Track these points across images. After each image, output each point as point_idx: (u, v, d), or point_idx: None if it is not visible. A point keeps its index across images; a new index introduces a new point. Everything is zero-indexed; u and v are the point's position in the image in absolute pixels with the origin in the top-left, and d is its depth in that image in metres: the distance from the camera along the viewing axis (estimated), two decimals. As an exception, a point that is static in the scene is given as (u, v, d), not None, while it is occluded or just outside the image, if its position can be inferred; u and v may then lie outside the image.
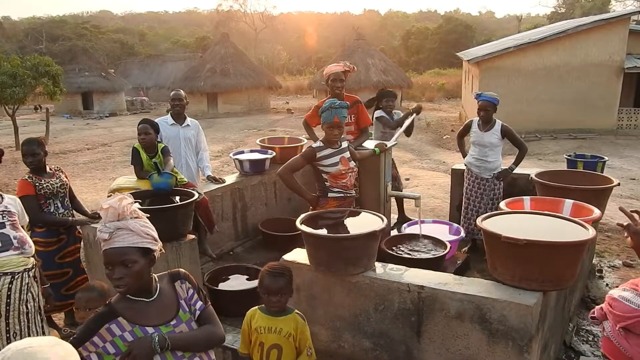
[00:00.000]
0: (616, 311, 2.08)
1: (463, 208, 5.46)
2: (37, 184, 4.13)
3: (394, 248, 4.51)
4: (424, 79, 37.25)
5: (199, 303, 2.10)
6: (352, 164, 3.99)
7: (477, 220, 3.10)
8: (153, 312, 1.99)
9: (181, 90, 5.58)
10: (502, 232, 2.82)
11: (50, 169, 4.33)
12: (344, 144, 4.01)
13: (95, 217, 4.32)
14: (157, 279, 2.08)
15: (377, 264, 3.27)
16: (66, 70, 27.93)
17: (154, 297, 2.02)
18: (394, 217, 6.32)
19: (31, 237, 4.33)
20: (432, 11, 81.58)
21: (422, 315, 3.01)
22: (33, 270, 3.39)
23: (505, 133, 5.18)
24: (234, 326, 4.11)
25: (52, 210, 4.22)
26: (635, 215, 2.24)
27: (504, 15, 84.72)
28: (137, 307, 1.98)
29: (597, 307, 2.25)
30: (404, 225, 5.33)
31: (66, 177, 4.46)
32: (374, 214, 3.42)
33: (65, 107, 27.70)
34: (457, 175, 5.87)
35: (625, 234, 2.25)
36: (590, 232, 2.85)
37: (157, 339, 1.90)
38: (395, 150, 6.60)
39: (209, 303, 2.15)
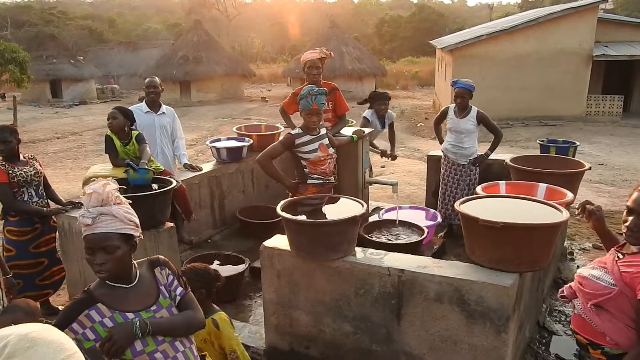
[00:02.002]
0: (587, 289, 2.15)
1: (440, 193, 5.53)
2: (10, 172, 4.04)
3: (372, 234, 4.56)
4: (397, 67, 37.40)
5: (179, 289, 2.10)
6: (331, 150, 4.00)
7: (455, 205, 3.16)
8: (133, 298, 1.99)
9: (156, 77, 5.49)
10: (480, 216, 2.88)
11: (24, 157, 4.24)
12: (323, 131, 4.02)
13: (69, 206, 4.25)
14: (136, 266, 2.07)
15: (358, 249, 3.30)
16: (33, 57, 27.18)
17: (134, 283, 2.01)
18: (373, 203, 6.38)
19: (4, 226, 4.27)
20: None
21: (402, 298, 3.06)
22: None
23: (481, 119, 5.26)
24: (214, 313, 4.12)
25: (26, 198, 4.13)
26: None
27: (476, 4, 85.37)
28: (117, 293, 1.97)
29: (566, 285, 2.32)
30: (382, 211, 5.38)
31: (40, 166, 4.36)
32: (354, 200, 3.45)
33: (32, 95, 26.98)
34: (433, 162, 5.95)
35: (583, 217, 2.36)
36: (564, 214, 2.93)
37: (138, 324, 1.89)
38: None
39: (189, 289, 2.15)
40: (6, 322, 2.68)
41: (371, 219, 5.15)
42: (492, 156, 5.36)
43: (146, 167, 4.17)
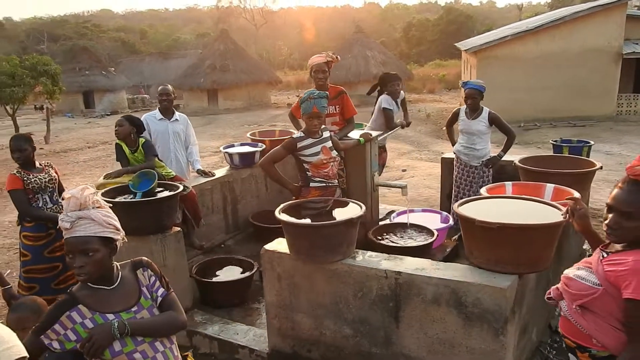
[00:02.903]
0: (572, 290, 2.10)
1: (453, 196, 5.47)
2: (25, 179, 4.18)
3: (380, 237, 4.54)
4: (425, 71, 37.13)
5: (161, 290, 2.14)
6: (334, 153, 4.00)
7: (454, 206, 3.12)
8: (114, 299, 2.03)
9: (169, 85, 5.60)
10: (477, 217, 2.85)
11: (40, 164, 4.37)
12: (326, 134, 4.02)
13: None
14: (119, 267, 2.11)
15: (357, 251, 3.30)
16: (67, 69, 28.08)
17: (115, 285, 2.05)
18: (385, 207, 6.35)
19: (20, 232, 4.40)
20: (432, 2, 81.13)
21: (400, 300, 3.04)
22: None
23: (493, 120, 5.19)
24: (221, 317, 4.17)
25: (40, 204, 4.26)
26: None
27: (505, 5, 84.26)
28: (98, 295, 2.01)
29: (553, 287, 2.27)
30: (394, 214, 5.35)
31: (56, 173, 4.50)
32: (353, 202, 3.45)
33: (66, 106, 27.81)
34: (446, 164, 5.88)
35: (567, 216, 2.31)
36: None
37: (116, 324, 1.93)
38: (394, 142, 6.66)
39: (172, 290, 2.19)
40: (13, 320, 2.78)
41: (384, 222, 5.13)
42: (507, 157, 5.27)
43: (147, 173, 4.21)
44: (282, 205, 3.46)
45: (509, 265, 2.84)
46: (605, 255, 2.09)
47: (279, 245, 3.46)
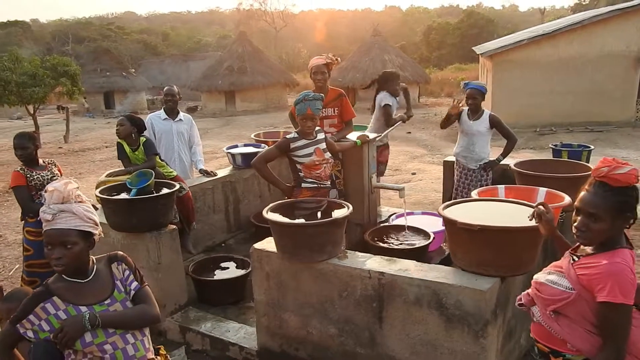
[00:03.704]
0: (544, 295, 2.09)
1: (452, 199, 5.45)
2: (28, 176, 4.30)
3: (378, 239, 4.55)
4: (444, 75, 36.93)
5: (134, 283, 2.19)
6: (328, 155, 4.03)
7: (438, 208, 3.13)
8: (88, 292, 2.09)
9: (174, 86, 5.70)
10: (459, 219, 2.85)
11: (43, 162, 4.49)
12: (320, 136, 4.05)
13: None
14: (94, 261, 2.17)
15: (344, 251, 3.32)
16: (88, 70, 28.64)
17: (89, 278, 2.11)
18: (387, 209, 6.35)
19: (24, 227, 4.52)
20: (453, 6, 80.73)
21: (383, 301, 3.05)
22: None
23: (494, 123, 5.16)
24: (216, 314, 4.23)
25: (43, 201, 4.36)
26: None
27: (528, 9, 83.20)
28: (73, 287, 2.08)
29: (524, 292, 2.26)
30: (392, 216, 5.35)
31: (59, 170, 4.61)
32: (341, 203, 3.47)
33: (88, 106, 28.33)
34: (448, 167, 5.87)
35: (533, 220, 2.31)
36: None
37: (87, 316, 1.99)
38: (407, 145, 6.62)
39: (145, 283, 2.24)
40: (4, 310, 2.87)
41: (383, 224, 5.13)
42: (507, 161, 5.23)
43: (145, 172, 4.27)
44: (273, 204, 3.51)
45: (491, 268, 2.84)
46: (575, 259, 2.08)
47: (268, 244, 3.50)
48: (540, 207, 2.30)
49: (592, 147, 5.27)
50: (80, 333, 1.98)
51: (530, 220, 2.32)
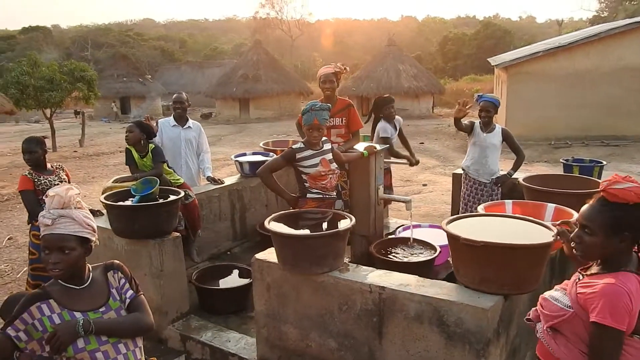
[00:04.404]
0: (545, 311, 2.04)
1: (460, 213, 5.38)
2: (36, 180, 4.32)
3: (383, 251, 4.50)
4: (459, 85, 36.84)
5: (130, 292, 2.18)
6: (334, 166, 4.00)
7: (442, 223, 3.08)
8: (83, 298, 2.08)
9: (183, 94, 5.71)
10: (462, 234, 2.80)
11: (51, 167, 4.52)
12: (327, 146, 4.02)
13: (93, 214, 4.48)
14: (90, 269, 2.16)
15: (346, 264, 3.27)
16: (105, 75, 29.01)
17: (85, 284, 2.10)
18: (396, 221, 6.30)
19: (30, 231, 4.55)
20: (470, 17, 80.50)
21: (383, 316, 3.00)
22: None
23: (506, 137, 5.10)
24: (217, 323, 4.20)
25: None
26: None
27: (546, 20, 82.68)
28: (68, 292, 2.07)
29: (533, 308, 2.20)
30: (399, 229, 5.29)
31: (67, 175, 4.63)
32: (344, 214, 3.43)
33: (103, 112, 28.68)
34: (458, 180, 5.80)
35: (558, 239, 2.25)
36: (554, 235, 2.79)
37: (81, 322, 1.98)
38: (419, 156, 6.58)
39: (141, 292, 2.22)
40: (5, 313, 2.88)
41: (390, 237, 5.07)
42: (516, 175, 5.16)
43: (150, 180, 4.27)
44: (276, 214, 3.48)
45: (494, 285, 2.77)
46: (581, 277, 2.03)
47: (270, 254, 3.47)
48: (563, 226, 2.25)
49: (605, 162, 5.17)
50: (73, 338, 1.97)
51: (555, 239, 2.25)
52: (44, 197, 2.16)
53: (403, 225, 6.01)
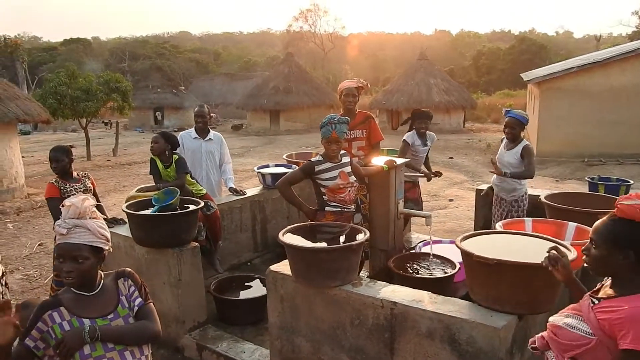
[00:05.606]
0: (562, 340, 1.96)
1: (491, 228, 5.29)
2: (62, 188, 4.44)
3: (402, 266, 4.45)
4: (492, 100, 36.34)
5: (139, 300, 2.21)
6: (352, 179, 4.00)
7: (457, 239, 3.04)
8: (92, 305, 2.12)
9: (205, 107, 5.78)
10: (475, 251, 2.76)
11: (77, 175, 4.64)
12: (345, 159, 4.03)
13: (112, 223, 4.58)
14: (102, 276, 2.21)
15: (359, 278, 3.26)
16: (140, 87, 29.74)
17: (96, 291, 2.15)
18: (418, 236, 6.23)
19: (55, 238, 4.66)
20: (505, 31, 79.67)
21: (395, 332, 2.97)
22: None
23: (523, 153, 4.96)
24: (233, 334, 4.22)
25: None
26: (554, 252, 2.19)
27: (583, 35, 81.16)
28: (79, 299, 2.12)
29: (538, 335, 2.13)
30: (420, 244, 5.24)
31: (92, 183, 4.75)
32: (359, 229, 3.42)
33: (138, 122, 29.36)
34: (481, 196, 5.72)
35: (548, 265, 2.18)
36: (572, 255, 2.72)
37: (87, 329, 2.02)
38: (448, 171, 6.53)
39: (150, 300, 2.25)
40: (24, 319, 2.94)
41: (410, 252, 5.03)
42: (537, 192, 5.06)
43: (172, 190, 4.33)
44: (292, 226, 3.49)
45: (507, 304, 2.72)
46: (595, 301, 1.96)
47: (284, 266, 3.47)
48: (554, 252, 2.18)
49: (632, 181, 5.01)
50: (80, 345, 2.01)
51: (545, 266, 2.19)
52: (60, 207, 2.22)
53: (424, 240, 5.96)
